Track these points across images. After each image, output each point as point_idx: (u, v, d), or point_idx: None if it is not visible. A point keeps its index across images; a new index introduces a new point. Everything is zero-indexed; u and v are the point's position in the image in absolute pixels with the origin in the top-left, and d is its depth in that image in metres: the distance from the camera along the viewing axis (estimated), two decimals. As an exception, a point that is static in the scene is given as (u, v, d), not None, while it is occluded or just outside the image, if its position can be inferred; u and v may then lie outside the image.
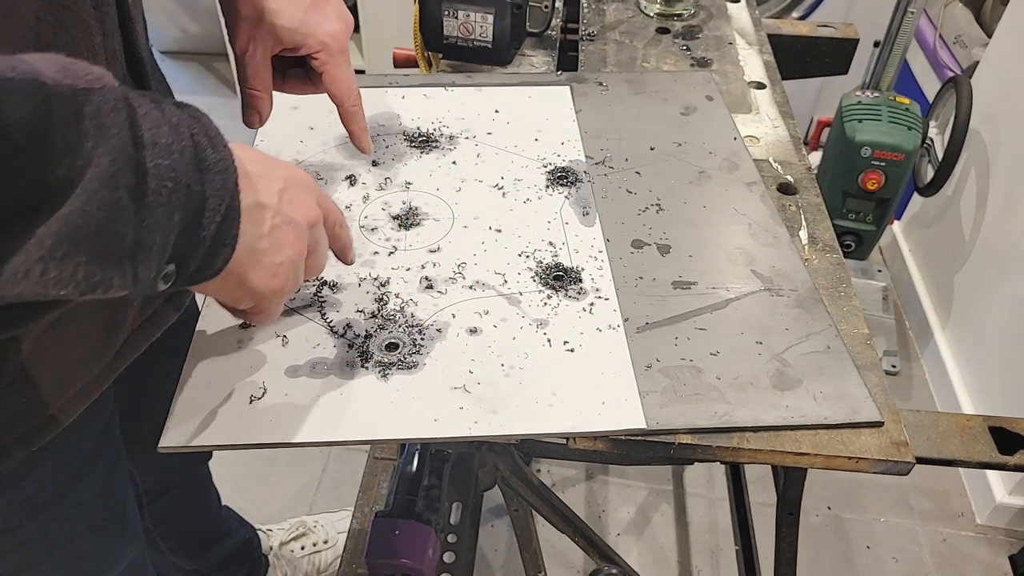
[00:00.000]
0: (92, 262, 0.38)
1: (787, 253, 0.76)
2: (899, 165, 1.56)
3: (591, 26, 1.18)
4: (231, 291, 0.51)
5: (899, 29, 1.60)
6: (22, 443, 0.55)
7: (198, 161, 0.43)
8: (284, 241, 0.52)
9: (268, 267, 0.51)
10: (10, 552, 0.63)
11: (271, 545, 1.40)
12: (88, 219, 0.37)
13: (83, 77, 0.37)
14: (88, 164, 0.36)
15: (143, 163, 0.39)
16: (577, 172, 0.85)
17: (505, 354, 0.65)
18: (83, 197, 0.36)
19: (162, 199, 0.40)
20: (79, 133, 0.36)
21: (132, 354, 0.63)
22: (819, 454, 0.60)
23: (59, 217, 0.36)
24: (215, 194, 0.44)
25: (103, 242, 0.38)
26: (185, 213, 0.42)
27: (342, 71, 0.70)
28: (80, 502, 0.67)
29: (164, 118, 0.42)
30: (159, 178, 0.40)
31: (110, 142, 0.37)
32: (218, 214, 0.45)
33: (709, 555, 1.55)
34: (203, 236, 0.44)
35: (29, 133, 0.33)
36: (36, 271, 0.36)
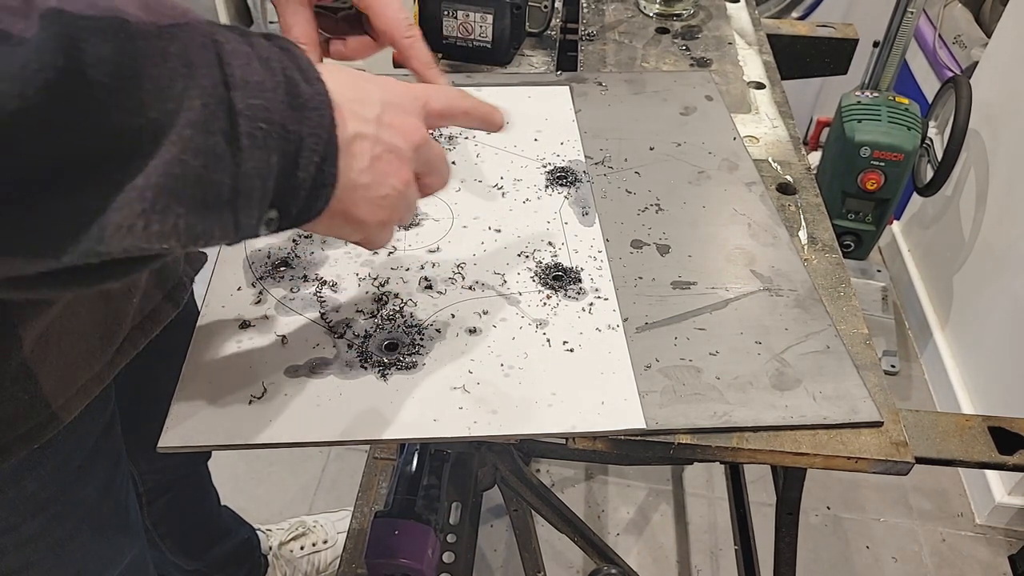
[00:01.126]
0: (192, 213, 0.36)
1: (787, 253, 0.76)
2: (898, 165, 1.56)
3: (590, 26, 1.18)
4: (338, 228, 0.49)
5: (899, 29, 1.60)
6: (24, 440, 0.55)
7: (292, 98, 0.41)
8: (387, 171, 0.48)
9: (373, 200, 0.48)
10: (12, 550, 0.63)
11: (270, 545, 1.40)
12: (186, 168, 0.35)
13: (167, 13, 0.35)
14: (180, 108, 0.35)
15: (235, 104, 0.37)
16: (576, 172, 0.85)
17: (504, 354, 0.65)
18: (179, 145, 0.35)
19: (258, 142, 0.38)
20: (168, 73, 0.34)
21: (132, 351, 0.63)
22: (818, 454, 0.60)
23: (156, 167, 0.34)
24: (312, 133, 0.42)
25: (202, 192, 0.37)
26: (283, 155, 0.40)
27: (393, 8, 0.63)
28: (82, 500, 0.67)
29: (254, 53, 0.39)
30: (253, 120, 0.38)
31: (200, 83, 0.36)
32: (316, 154, 0.42)
33: (708, 555, 1.55)
34: (303, 178, 0.42)
35: (115, 74, 0.32)
36: (139, 225, 0.35)
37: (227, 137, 0.37)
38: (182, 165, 0.35)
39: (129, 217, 0.34)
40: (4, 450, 0.54)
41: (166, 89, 0.34)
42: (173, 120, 0.35)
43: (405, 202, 0.51)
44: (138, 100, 0.33)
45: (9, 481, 0.59)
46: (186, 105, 0.35)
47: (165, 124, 0.34)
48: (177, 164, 0.35)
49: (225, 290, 0.70)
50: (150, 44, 0.34)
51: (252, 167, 0.39)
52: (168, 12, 0.35)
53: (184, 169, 0.35)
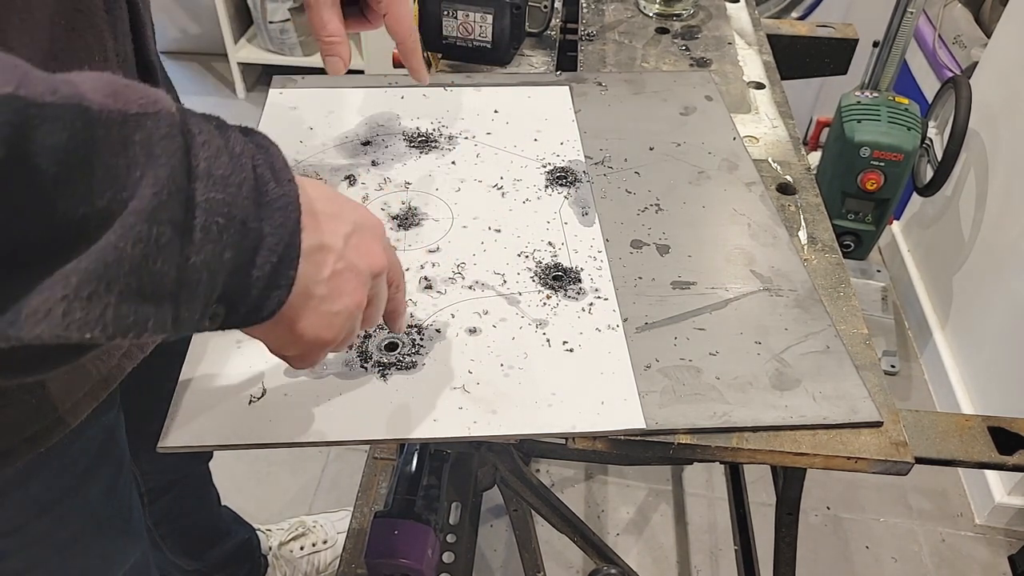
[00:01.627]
0: (124, 302, 0.34)
1: (786, 253, 0.76)
2: (898, 165, 1.56)
3: (590, 26, 1.18)
4: (280, 337, 0.47)
5: (898, 29, 1.60)
6: (30, 444, 0.55)
7: (258, 195, 0.40)
8: (344, 289, 0.47)
9: (323, 315, 0.47)
10: (17, 551, 0.63)
11: (270, 545, 1.40)
12: (121, 256, 0.34)
13: (136, 101, 0.34)
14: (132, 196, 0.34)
15: (193, 196, 0.36)
16: (576, 172, 0.85)
17: (504, 354, 0.65)
18: (117, 232, 0.33)
19: (212, 235, 0.37)
20: (127, 162, 0.33)
21: (140, 355, 0.63)
22: (818, 454, 0.60)
23: (89, 253, 0.33)
24: (273, 232, 0.41)
25: (139, 281, 0.35)
26: (238, 251, 0.39)
27: (403, 9, 0.72)
28: (86, 502, 0.67)
29: (226, 147, 0.39)
30: (210, 213, 0.37)
31: (156, 172, 0.35)
32: (275, 254, 0.41)
33: (708, 555, 1.55)
34: (257, 276, 0.41)
35: (65, 162, 0.31)
36: (58, 311, 0.33)
37: (178, 228, 0.36)
38: (117, 252, 0.33)
39: (48, 301, 0.32)
40: (10, 453, 0.54)
41: (122, 178, 0.33)
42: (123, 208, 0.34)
43: (350, 325, 0.50)
44: (88, 188, 0.32)
45: (15, 483, 0.59)
46: (137, 194, 0.34)
47: (114, 212, 0.33)
48: (112, 251, 0.33)
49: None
50: (111, 132, 0.33)
51: (202, 260, 0.37)
52: (137, 100, 0.34)
53: (119, 256, 0.34)
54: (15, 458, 0.54)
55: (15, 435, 0.54)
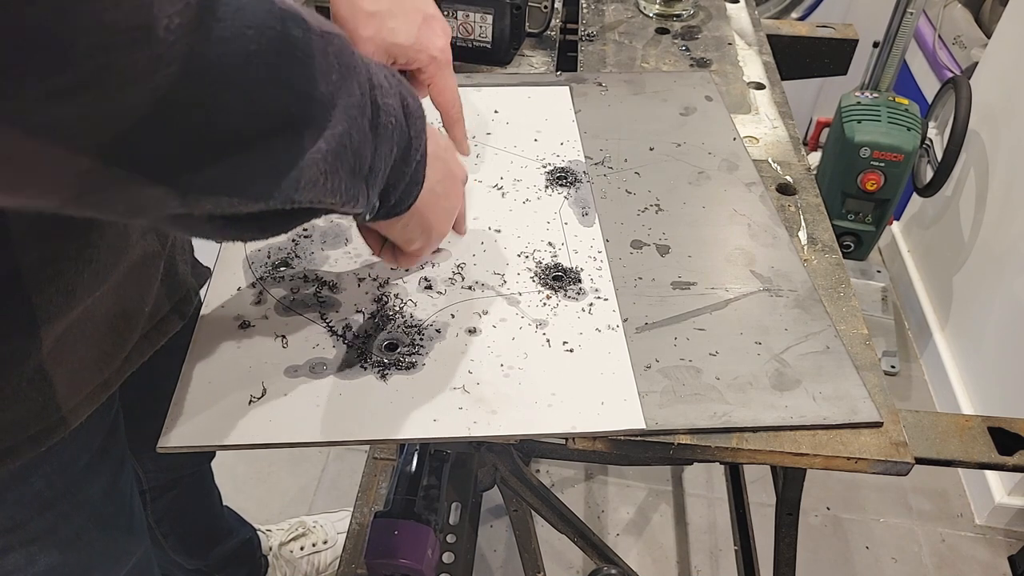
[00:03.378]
0: (349, 178, 0.44)
1: (786, 254, 0.76)
2: (898, 166, 1.56)
3: (590, 26, 1.18)
4: (412, 230, 0.58)
5: (898, 29, 1.60)
6: (33, 442, 0.55)
7: (404, 106, 0.49)
8: (452, 190, 0.60)
9: (443, 210, 0.59)
10: (18, 548, 0.63)
11: (270, 545, 1.40)
12: (351, 141, 0.43)
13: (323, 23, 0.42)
14: (338, 92, 0.42)
15: (376, 100, 0.46)
16: (576, 172, 0.85)
17: (504, 354, 0.65)
18: (347, 122, 0.42)
19: (388, 133, 0.47)
20: (328, 64, 0.41)
21: (139, 360, 0.64)
22: (818, 454, 0.60)
23: (331, 136, 0.41)
24: (416, 135, 0.50)
25: (354, 161, 0.44)
26: (398, 149, 0.49)
27: (448, 82, 0.75)
28: (88, 499, 0.67)
29: (378, 66, 0.48)
30: (387, 114, 0.47)
31: (357, 77, 0.43)
32: (418, 153, 0.51)
33: (708, 555, 1.55)
34: (406, 172, 0.51)
35: (303, 51, 0.39)
36: (321, 181, 0.42)
37: (371, 124, 0.45)
38: (349, 138, 0.43)
39: (315, 174, 0.41)
40: (13, 451, 0.55)
41: (328, 74, 0.41)
42: (334, 100, 0.42)
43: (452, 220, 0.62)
44: (312, 76, 0.40)
45: (16, 479, 0.59)
46: (345, 92, 0.42)
47: (328, 102, 0.41)
48: (347, 136, 0.43)
49: (225, 290, 0.70)
50: (316, 39, 0.40)
51: (382, 151, 0.47)
52: (322, 23, 0.42)
53: (350, 142, 0.43)
54: (17, 456, 0.55)
55: (19, 433, 0.54)
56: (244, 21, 0.35)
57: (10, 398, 0.52)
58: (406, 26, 0.70)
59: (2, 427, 0.53)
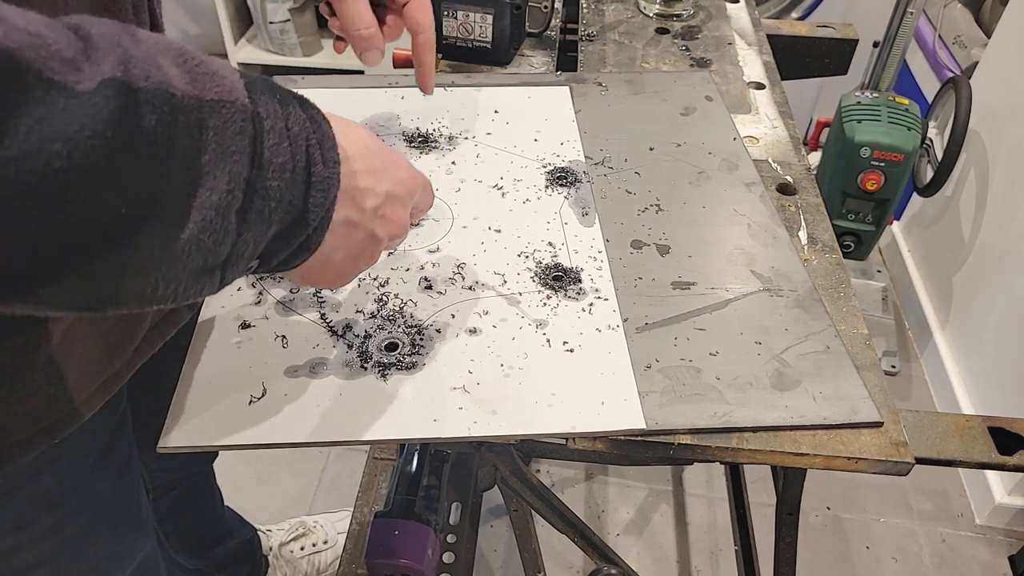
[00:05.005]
0: (191, 278, 0.39)
1: (786, 253, 0.76)
2: (898, 165, 1.56)
3: (590, 26, 1.18)
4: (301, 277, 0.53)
5: (898, 29, 1.60)
6: (46, 434, 0.56)
7: (307, 176, 0.44)
8: (360, 254, 0.53)
9: (336, 271, 0.53)
10: (27, 546, 0.63)
11: (271, 545, 1.40)
12: (200, 244, 0.38)
13: (212, 88, 0.37)
14: (201, 180, 0.36)
15: (254, 184, 0.40)
16: (576, 172, 0.85)
17: (504, 354, 0.65)
18: (199, 224, 0.37)
19: (264, 216, 0.41)
20: (198, 146, 0.36)
21: (149, 351, 0.64)
22: (818, 454, 0.60)
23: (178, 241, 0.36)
24: (313, 209, 0.45)
25: (204, 260, 0.39)
26: (280, 226, 0.43)
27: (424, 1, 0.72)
28: (96, 496, 0.67)
29: (286, 130, 0.42)
30: (266, 198, 0.41)
31: (230, 167, 0.38)
32: (311, 226, 0.45)
33: (709, 555, 1.55)
34: (292, 242, 0.45)
35: (154, 143, 0.34)
36: (148, 290, 0.37)
37: (239, 213, 0.40)
38: (198, 243, 0.37)
39: (143, 285, 0.37)
40: (27, 443, 0.55)
41: (193, 160, 0.36)
42: (193, 192, 0.36)
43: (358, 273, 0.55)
44: (167, 168, 0.35)
45: (26, 476, 0.60)
46: (209, 183, 0.37)
47: (184, 194, 0.36)
48: (194, 242, 0.37)
49: (225, 290, 0.70)
50: (189, 117, 0.35)
51: (251, 236, 0.41)
52: (214, 87, 0.37)
53: (199, 247, 0.38)
54: (31, 448, 0.55)
55: (33, 425, 0.54)
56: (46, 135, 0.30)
57: (22, 390, 0.53)
58: None
59: (16, 419, 0.53)
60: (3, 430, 0.53)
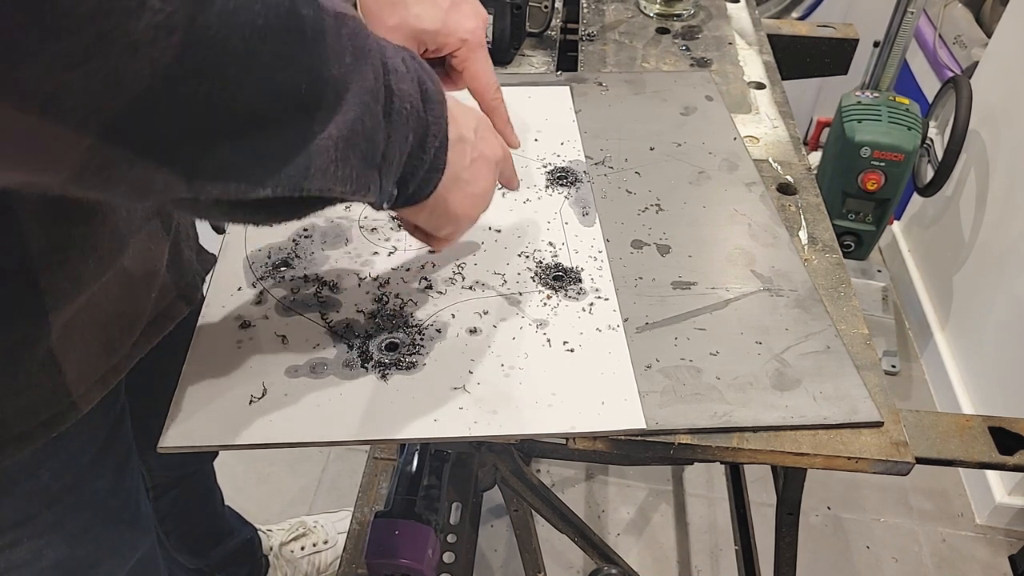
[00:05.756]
0: (360, 165, 0.43)
1: (787, 253, 0.76)
2: (899, 165, 1.56)
3: (591, 26, 1.18)
4: (437, 217, 0.56)
5: (899, 29, 1.60)
6: (46, 428, 0.56)
7: (422, 91, 0.48)
8: (480, 173, 0.57)
9: (469, 196, 0.56)
10: (26, 542, 0.63)
11: (271, 545, 1.40)
12: (363, 127, 0.42)
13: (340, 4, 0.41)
14: (351, 75, 0.41)
15: (391, 85, 0.44)
16: (577, 172, 0.85)
17: (505, 354, 0.65)
18: (359, 108, 0.41)
19: (402, 119, 0.45)
20: (341, 46, 0.40)
21: (147, 346, 0.64)
22: (819, 454, 0.60)
23: (343, 122, 0.40)
24: (435, 122, 0.49)
25: (367, 149, 0.43)
26: (414, 136, 0.47)
27: (482, 65, 0.72)
28: (94, 492, 0.67)
29: (395, 51, 0.46)
30: (401, 100, 0.45)
31: (370, 62, 0.42)
32: (437, 139, 0.49)
33: (709, 555, 1.55)
34: (424, 159, 0.49)
35: (313, 30, 0.38)
36: (331, 168, 0.41)
37: (384, 110, 0.44)
38: (361, 124, 0.42)
39: (324, 161, 0.40)
40: (26, 437, 0.55)
41: (340, 56, 0.40)
42: (346, 82, 0.41)
43: (485, 204, 0.60)
44: (324, 57, 0.39)
45: (24, 472, 0.60)
46: (358, 76, 0.41)
47: (340, 85, 0.40)
48: (359, 122, 0.42)
49: (225, 290, 0.70)
50: (328, 19, 0.39)
51: (396, 139, 0.45)
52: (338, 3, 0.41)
53: (362, 128, 0.42)
54: (31, 442, 0.55)
55: (32, 419, 0.55)
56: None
57: (22, 384, 0.53)
58: (432, 11, 0.69)
59: (15, 413, 0.54)
60: (2, 423, 0.53)
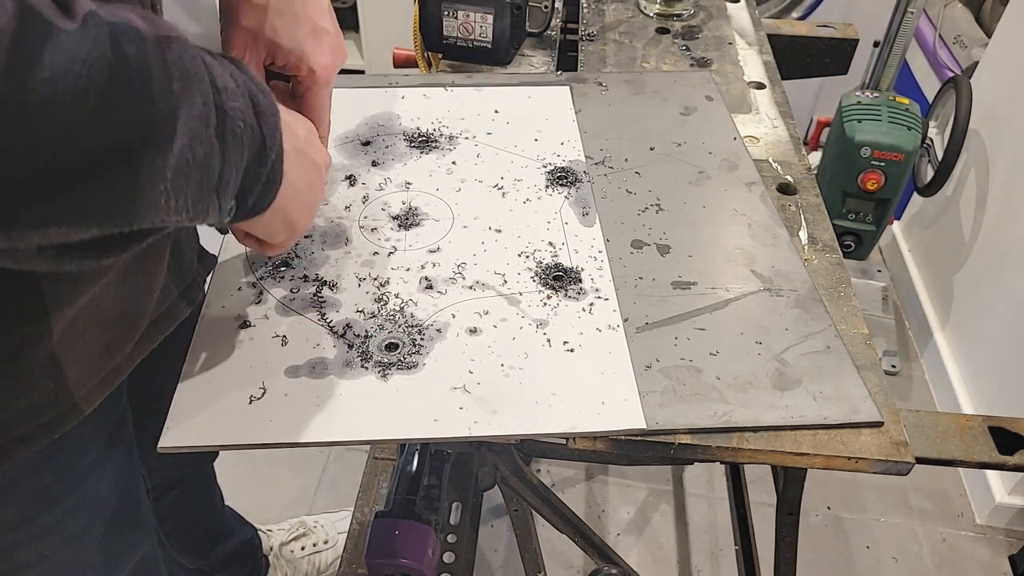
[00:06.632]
0: (195, 192, 0.43)
1: (787, 253, 0.76)
2: (899, 165, 1.56)
3: (591, 26, 1.18)
4: (275, 226, 0.57)
5: (899, 29, 1.60)
6: (46, 430, 0.56)
7: (254, 105, 0.48)
8: (313, 181, 0.58)
9: (305, 204, 0.58)
10: (27, 543, 0.63)
11: (271, 545, 1.40)
12: (194, 154, 0.42)
13: (163, 28, 0.41)
14: (179, 104, 0.40)
15: (222, 105, 0.44)
16: (577, 172, 0.85)
17: (505, 354, 0.65)
18: (187, 135, 0.41)
19: (236, 138, 0.46)
20: (167, 75, 0.40)
21: (149, 346, 0.64)
22: (819, 454, 0.60)
23: (173, 152, 0.40)
24: (270, 135, 0.49)
25: (201, 175, 0.43)
26: (250, 152, 0.48)
27: (322, 102, 0.70)
28: (95, 494, 0.67)
29: (223, 67, 0.46)
30: (234, 119, 0.45)
31: (199, 86, 0.42)
32: (273, 152, 0.50)
33: (709, 555, 1.55)
34: (261, 173, 0.49)
35: (138, 70, 0.38)
36: (162, 200, 0.41)
37: (217, 132, 0.44)
38: (192, 152, 0.41)
39: (155, 196, 0.40)
40: (27, 438, 0.55)
41: (167, 86, 0.40)
42: (175, 113, 0.40)
43: (316, 211, 0.61)
44: (151, 93, 0.39)
45: (25, 473, 0.60)
46: (187, 103, 0.41)
47: (168, 118, 0.40)
48: (188, 150, 0.41)
49: (225, 290, 0.70)
50: (154, 50, 0.39)
51: (232, 158, 0.46)
52: (164, 27, 0.41)
53: (193, 156, 0.42)
54: (32, 443, 0.55)
55: (33, 420, 0.55)
56: (67, 57, 0.34)
57: (24, 385, 0.53)
58: (292, 30, 0.66)
59: (17, 414, 0.54)
60: (3, 425, 0.53)
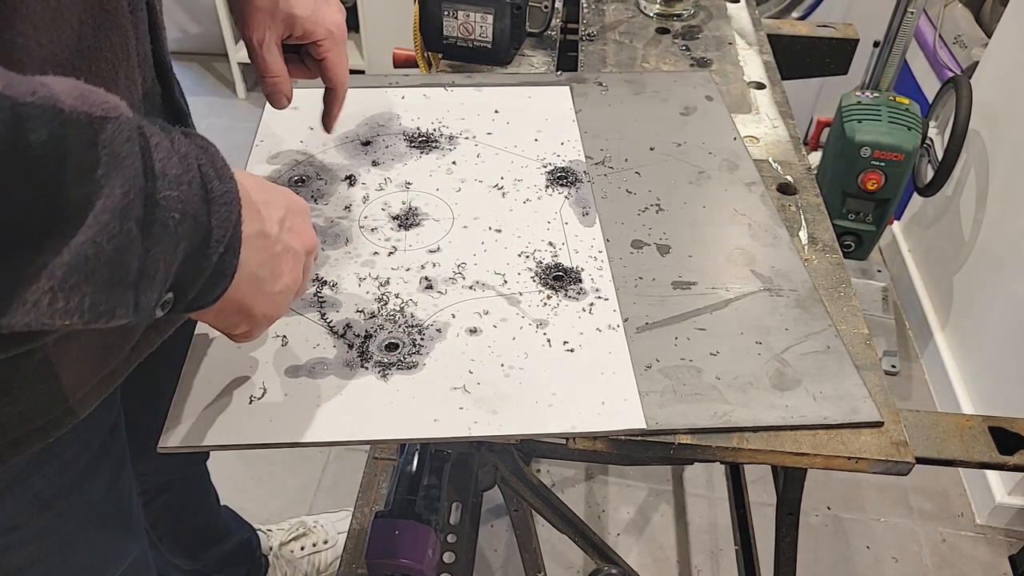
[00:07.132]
0: (98, 292, 0.38)
1: (787, 253, 0.76)
2: (899, 165, 1.56)
3: (591, 26, 1.18)
4: (229, 318, 0.52)
5: (899, 29, 1.60)
6: (40, 434, 0.56)
7: (205, 192, 0.44)
8: (283, 269, 0.53)
9: (268, 295, 0.52)
10: (18, 548, 0.63)
11: (271, 545, 1.40)
12: (99, 250, 0.37)
13: (99, 105, 0.37)
14: (98, 192, 0.37)
15: (153, 194, 0.40)
16: (577, 172, 0.85)
17: (505, 354, 0.65)
18: (95, 228, 0.37)
19: (168, 230, 0.41)
20: (91, 160, 0.36)
21: (146, 350, 0.64)
22: (819, 454, 0.60)
23: (70, 247, 0.36)
24: (219, 225, 0.45)
25: (110, 272, 0.38)
26: (190, 243, 0.43)
27: (342, 59, 0.74)
28: (87, 499, 0.67)
29: (174, 148, 0.42)
30: (167, 209, 0.41)
31: (123, 173, 0.38)
32: (221, 244, 0.45)
33: (709, 555, 1.55)
34: (204, 265, 0.45)
35: (44, 157, 0.34)
36: (44, 301, 0.36)
37: (140, 223, 0.39)
38: (95, 247, 0.37)
39: (35, 292, 0.36)
40: (21, 442, 0.55)
41: (88, 174, 0.36)
42: (90, 203, 0.36)
43: (290, 300, 0.56)
44: (60, 182, 0.35)
45: (17, 478, 0.60)
46: (106, 192, 0.37)
47: (82, 207, 0.36)
48: (91, 246, 0.37)
49: (225, 290, 0.70)
50: (80, 132, 0.36)
51: (159, 252, 0.41)
52: (101, 104, 0.37)
53: (97, 251, 0.37)
54: (26, 447, 0.55)
55: (27, 424, 0.55)
56: None
57: (18, 390, 0.53)
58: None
59: (11, 418, 0.53)
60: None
